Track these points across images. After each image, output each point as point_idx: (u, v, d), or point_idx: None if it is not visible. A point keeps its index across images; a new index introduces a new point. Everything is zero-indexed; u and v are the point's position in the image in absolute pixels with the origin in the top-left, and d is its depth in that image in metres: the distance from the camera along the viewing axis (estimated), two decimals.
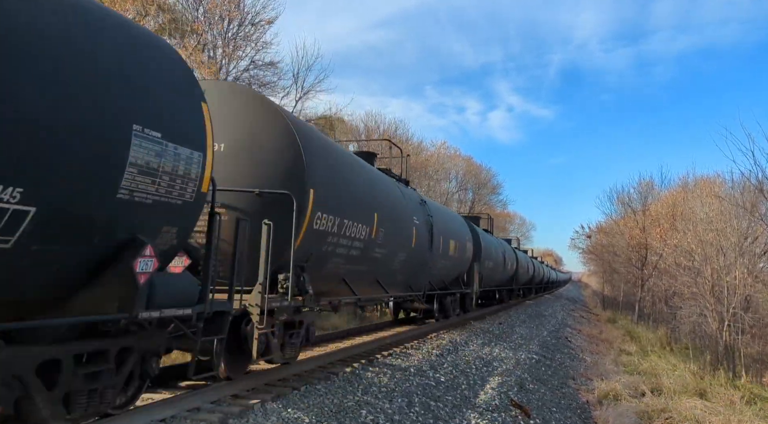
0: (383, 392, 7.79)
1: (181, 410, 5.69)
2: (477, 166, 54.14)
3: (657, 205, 40.04)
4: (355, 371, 8.57)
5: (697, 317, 24.11)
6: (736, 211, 23.83)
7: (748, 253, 23.59)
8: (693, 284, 25.05)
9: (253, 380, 7.30)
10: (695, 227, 25.96)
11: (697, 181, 35.34)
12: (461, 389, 9.45)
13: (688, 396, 15.14)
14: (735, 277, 22.22)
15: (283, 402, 6.50)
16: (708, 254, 23.95)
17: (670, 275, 30.74)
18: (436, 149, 46.36)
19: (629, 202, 44.30)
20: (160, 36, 5.94)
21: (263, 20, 20.83)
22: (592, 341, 27.49)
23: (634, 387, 15.96)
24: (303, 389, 7.18)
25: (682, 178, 41.60)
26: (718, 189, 27.64)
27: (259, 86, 21.51)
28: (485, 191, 54.48)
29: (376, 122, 36.41)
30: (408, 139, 39.28)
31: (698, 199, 27.86)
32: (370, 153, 12.62)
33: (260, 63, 21.35)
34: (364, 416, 6.71)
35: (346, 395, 7.31)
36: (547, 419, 10.21)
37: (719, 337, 21.75)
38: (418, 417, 7.33)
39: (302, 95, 23.75)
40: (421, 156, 39.85)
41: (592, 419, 12.52)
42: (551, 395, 12.25)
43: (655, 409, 13.53)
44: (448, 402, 8.44)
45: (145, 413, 5.48)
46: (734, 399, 15.98)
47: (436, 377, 9.59)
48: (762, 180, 21.80)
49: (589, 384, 15.85)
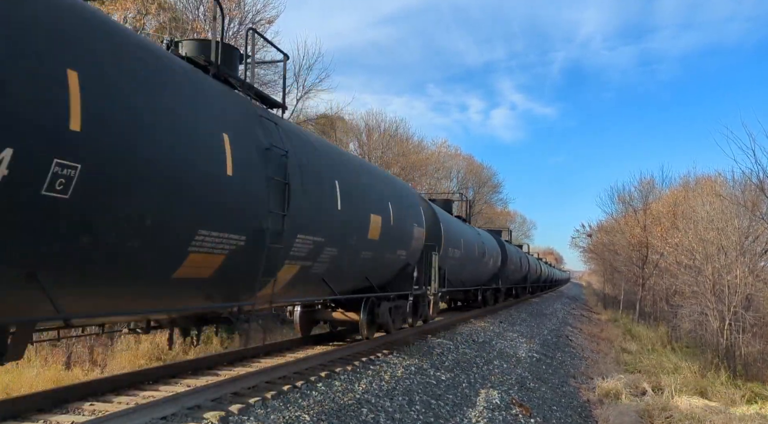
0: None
1: (182, 408, 5.70)
2: (478, 165, 54.21)
3: (658, 203, 40.03)
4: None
5: (698, 315, 24.10)
6: (737, 210, 23.81)
7: (749, 252, 23.57)
8: (694, 282, 25.04)
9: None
10: (696, 226, 25.94)
11: (698, 180, 35.36)
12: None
13: (688, 395, 15.14)
14: (736, 276, 22.20)
15: (283, 400, 6.50)
16: (709, 252, 23.93)
17: (670, 274, 30.72)
18: (437, 148, 46.40)
19: (630, 201, 44.32)
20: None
21: (264, 19, 20.83)
22: (593, 339, 27.50)
23: (635, 386, 15.97)
24: (303, 386, 7.18)
25: (683, 177, 41.58)
26: (719, 188, 27.61)
27: (260, 85, 21.51)
28: (486, 190, 54.49)
29: (377, 121, 36.40)
30: (408, 138, 39.31)
31: (699, 198, 27.84)
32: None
33: (261, 62, 21.33)
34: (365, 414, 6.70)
35: (345, 394, 7.31)
36: (548, 417, 10.22)
37: (720, 336, 21.74)
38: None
39: (303, 94, 23.76)
40: (421, 155, 39.84)
41: (593, 417, 12.53)
42: (552, 394, 12.25)
43: (656, 407, 13.53)
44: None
45: (147, 411, 5.49)
46: (735, 398, 15.98)
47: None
48: (763, 179, 21.80)
49: (589, 383, 15.86)
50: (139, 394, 6.49)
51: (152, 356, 12.17)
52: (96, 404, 5.96)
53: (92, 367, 11.76)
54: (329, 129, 28.54)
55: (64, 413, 5.68)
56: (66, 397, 6.05)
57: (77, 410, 5.78)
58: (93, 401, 6.09)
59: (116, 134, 4.45)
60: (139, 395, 6.42)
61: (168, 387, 6.85)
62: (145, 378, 7.13)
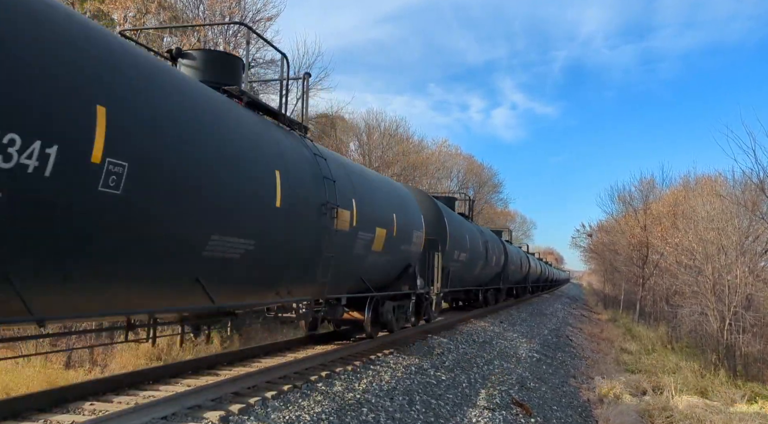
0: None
1: (182, 408, 5.69)
2: (478, 165, 54.21)
3: (658, 203, 40.03)
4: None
5: (698, 315, 24.09)
6: (738, 209, 23.81)
7: (749, 251, 23.57)
8: (694, 282, 25.04)
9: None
10: (696, 226, 25.94)
11: (699, 180, 35.33)
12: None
13: (689, 395, 15.14)
14: (736, 276, 22.19)
15: (284, 400, 6.49)
16: (709, 252, 23.92)
17: (671, 274, 30.73)
18: (437, 148, 46.38)
19: (630, 201, 44.34)
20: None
21: (264, 18, 20.83)
22: (593, 339, 27.50)
23: (635, 386, 15.97)
24: (303, 386, 7.18)
25: (683, 177, 41.58)
26: (720, 188, 27.60)
27: (259, 84, 21.49)
28: (486, 190, 54.48)
29: (377, 120, 36.39)
30: (409, 137, 39.30)
31: (699, 198, 27.83)
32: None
33: (261, 61, 21.36)
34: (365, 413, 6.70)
35: (346, 393, 7.30)
36: (548, 417, 10.21)
37: (720, 336, 21.73)
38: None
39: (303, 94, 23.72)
40: (422, 154, 39.82)
41: (593, 417, 12.52)
42: (552, 394, 12.24)
43: (656, 407, 13.53)
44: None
45: (147, 411, 5.48)
46: (735, 398, 15.97)
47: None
48: (763, 179, 21.79)
49: (590, 383, 15.85)
50: (139, 394, 6.47)
51: (152, 356, 12.17)
52: (96, 404, 5.95)
53: (92, 367, 11.76)
54: (329, 128, 28.52)
55: (64, 412, 5.67)
56: (66, 397, 6.03)
57: (77, 410, 5.77)
58: (93, 401, 6.07)
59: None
60: (139, 395, 6.40)
61: (168, 387, 6.83)
62: (145, 378, 7.11)
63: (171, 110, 5.22)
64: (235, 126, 6.35)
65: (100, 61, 4.46)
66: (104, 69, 4.47)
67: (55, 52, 4.04)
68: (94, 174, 4.20)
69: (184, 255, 5.56)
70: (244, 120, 6.70)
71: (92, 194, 4.24)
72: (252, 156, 6.50)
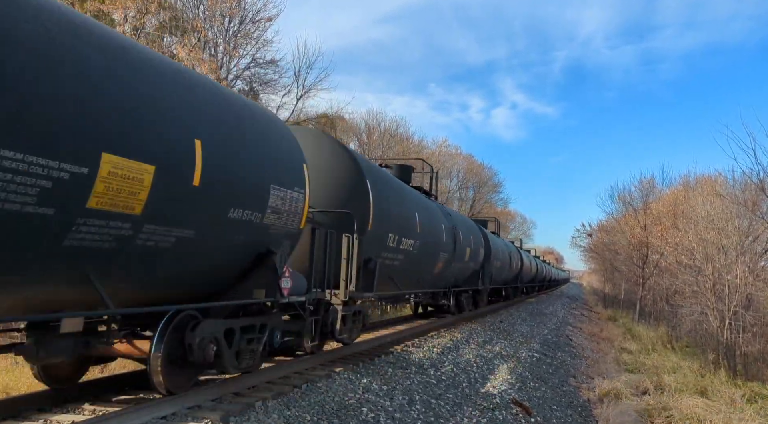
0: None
1: (182, 408, 5.69)
2: (478, 165, 54.19)
3: (658, 203, 39.99)
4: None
5: (698, 315, 24.07)
6: (738, 209, 23.79)
7: (750, 251, 23.55)
8: (694, 282, 25.02)
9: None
10: (696, 226, 25.92)
11: (699, 180, 35.28)
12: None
13: (689, 394, 15.13)
14: (736, 275, 22.18)
15: (284, 400, 6.49)
16: (709, 252, 23.91)
17: (671, 274, 30.70)
18: (437, 147, 46.35)
19: (630, 201, 44.28)
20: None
21: (264, 18, 20.82)
22: (593, 339, 27.50)
23: (635, 385, 15.96)
24: (303, 386, 7.17)
25: (683, 177, 41.56)
26: (720, 187, 27.58)
27: (260, 84, 21.52)
28: (486, 190, 54.48)
29: (377, 120, 36.40)
30: (409, 137, 39.29)
31: (699, 198, 27.81)
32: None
33: (261, 61, 21.38)
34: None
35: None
36: (548, 417, 10.21)
37: (720, 335, 21.72)
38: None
39: (303, 93, 23.75)
40: (422, 154, 39.77)
41: (593, 417, 12.52)
42: (552, 394, 12.25)
43: (656, 407, 13.53)
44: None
45: (147, 411, 5.48)
46: (735, 397, 15.97)
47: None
48: (763, 178, 21.77)
49: (589, 382, 15.86)
50: (139, 394, 6.48)
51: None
52: (96, 404, 5.96)
53: (92, 367, 11.74)
54: (329, 128, 28.52)
55: (64, 412, 5.67)
56: (66, 397, 6.04)
57: (77, 410, 5.77)
58: (93, 400, 6.08)
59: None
60: (140, 395, 6.41)
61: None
62: (146, 378, 7.11)
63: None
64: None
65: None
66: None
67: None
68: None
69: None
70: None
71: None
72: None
